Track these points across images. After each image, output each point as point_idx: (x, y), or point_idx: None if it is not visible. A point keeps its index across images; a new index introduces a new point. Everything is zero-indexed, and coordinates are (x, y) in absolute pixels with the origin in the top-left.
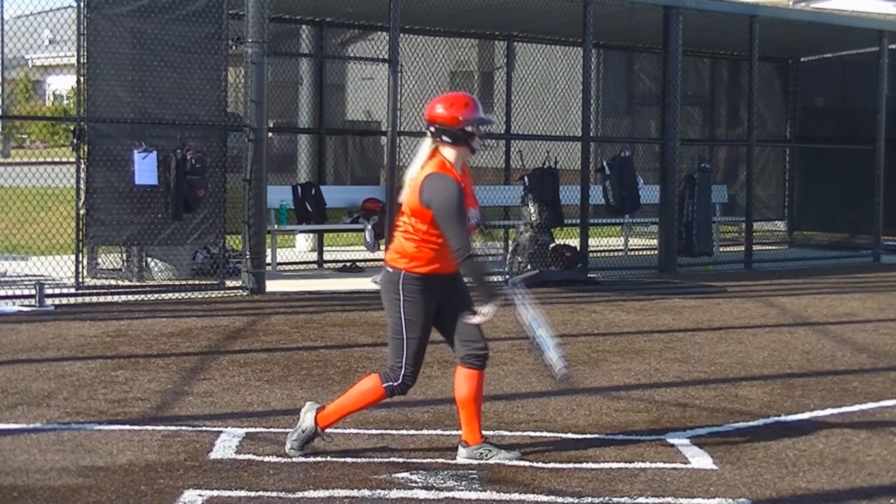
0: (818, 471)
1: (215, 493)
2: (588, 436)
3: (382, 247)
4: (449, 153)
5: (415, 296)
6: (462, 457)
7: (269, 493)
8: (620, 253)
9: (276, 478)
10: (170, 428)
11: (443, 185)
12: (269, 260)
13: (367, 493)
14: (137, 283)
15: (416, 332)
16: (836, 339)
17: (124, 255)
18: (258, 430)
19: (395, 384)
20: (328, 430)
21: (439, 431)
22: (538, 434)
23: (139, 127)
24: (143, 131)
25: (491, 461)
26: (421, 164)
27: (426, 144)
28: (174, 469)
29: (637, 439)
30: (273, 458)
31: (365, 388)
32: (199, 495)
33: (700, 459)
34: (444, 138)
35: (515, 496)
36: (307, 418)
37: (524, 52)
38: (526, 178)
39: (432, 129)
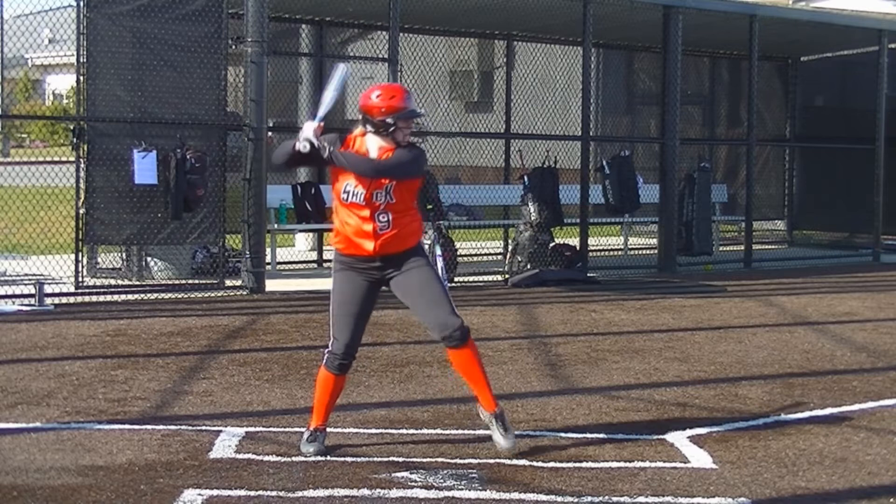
0: (818, 470)
1: (215, 492)
2: (588, 435)
3: None
4: (371, 141)
5: (337, 273)
6: (483, 418)
7: (268, 493)
8: (620, 252)
9: (276, 477)
10: (169, 427)
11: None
12: (268, 259)
13: (367, 492)
14: (137, 283)
15: (337, 308)
16: (836, 338)
17: (124, 254)
18: (258, 429)
19: (325, 357)
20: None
21: (439, 431)
22: (538, 433)
23: (139, 126)
24: (143, 131)
25: (488, 431)
26: None
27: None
28: (174, 468)
29: (637, 438)
30: (273, 458)
31: (318, 379)
32: (199, 494)
33: (700, 458)
34: (368, 127)
35: (515, 495)
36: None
37: (524, 52)
38: (525, 178)
39: (360, 115)
